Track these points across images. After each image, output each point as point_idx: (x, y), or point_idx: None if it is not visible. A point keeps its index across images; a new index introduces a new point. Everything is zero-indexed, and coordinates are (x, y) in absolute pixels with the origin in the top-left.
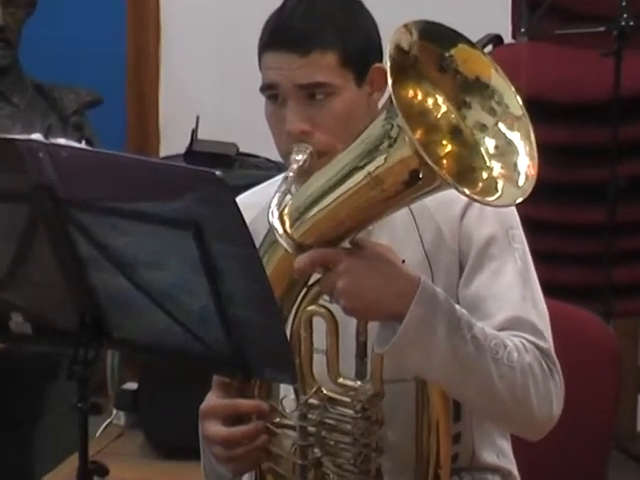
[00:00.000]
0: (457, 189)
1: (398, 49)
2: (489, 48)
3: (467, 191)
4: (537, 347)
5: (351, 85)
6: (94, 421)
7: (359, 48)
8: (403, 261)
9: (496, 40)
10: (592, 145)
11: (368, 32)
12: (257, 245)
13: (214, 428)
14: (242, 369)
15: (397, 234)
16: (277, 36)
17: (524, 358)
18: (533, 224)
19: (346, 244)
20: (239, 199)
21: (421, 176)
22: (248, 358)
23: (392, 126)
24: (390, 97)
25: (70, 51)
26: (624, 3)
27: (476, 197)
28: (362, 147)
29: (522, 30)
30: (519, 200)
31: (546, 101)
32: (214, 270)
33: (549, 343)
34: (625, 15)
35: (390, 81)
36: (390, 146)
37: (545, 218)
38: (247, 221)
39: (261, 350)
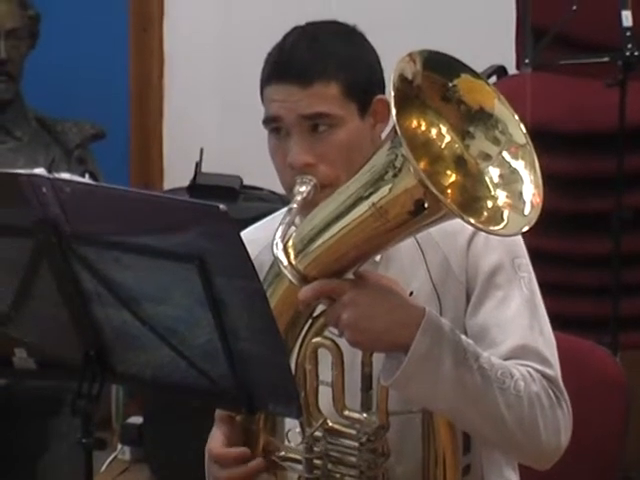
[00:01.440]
0: (462, 218)
1: (402, 79)
2: (493, 79)
3: (472, 220)
4: (544, 376)
5: (354, 117)
6: (99, 456)
7: (362, 79)
8: (411, 293)
9: (500, 71)
10: (597, 175)
11: (370, 64)
12: (262, 279)
13: (222, 473)
14: (247, 403)
15: (405, 266)
16: (279, 69)
17: (531, 387)
18: (538, 255)
19: (351, 275)
20: (244, 233)
21: (426, 206)
22: (253, 392)
23: (396, 156)
24: (394, 127)
25: (73, 84)
26: (628, 33)
27: (482, 226)
28: (366, 177)
29: (526, 61)
30: (525, 229)
31: (551, 131)
32: (218, 304)
33: (556, 371)
34: (630, 45)
35: (394, 111)
36: (395, 176)
37: (550, 249)
38: (252, 256)
39: (266, 384)
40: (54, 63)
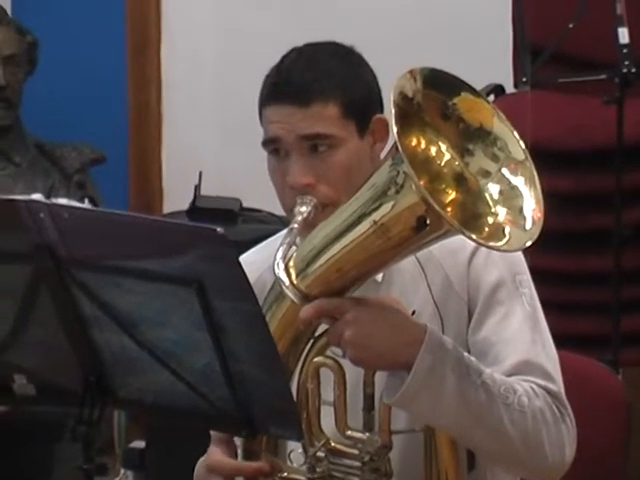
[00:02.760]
0: (464, 234)
1: (402, 96)
2: (491, 98)
3: (474, 236)
4: (548, 391)
5: (353, 136)
6: None
7: (360, 99)
8: (413, 312)
9: (498, 90)
10: (596, 192)
11: (368, 83)
12: (263, 301)
13: None
14: (247, 426)
15: (406, 286)
16: (277, 90)
17: (535, 403)
18: (539, 273)
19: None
20: (243, 257)
21: (428, 222)
22: (253, 415)
23: (398, 173)
24: (395, 144)
25: (72, 109)
26: (625, 50)
27: (484, 242)
28: (367, 195)
29: (524, 79)
30: (528, 244)
31: (550, 149)
32: (217, 327)
33: (559, 386)
34: (627, 62)
35: (395, 128)
36: (397, 193)
37: (550, 267)
38: (252, 279)
39: (266, 407)
40: (52, 89)
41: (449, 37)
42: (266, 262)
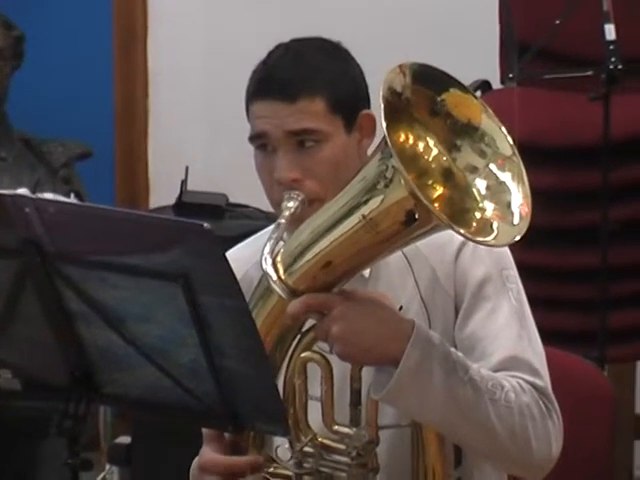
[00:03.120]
0: (453, 229)
1: (391, 91)
2: (478, 94)
3: (463, 231)
4: (534, 387)
5: (340, 132)
6: (87, 476)
7: (347, 94)
8: (400, 308)
9: (484, 86)
10: (583, 189)
11: (355, 79)
12: (250, 296)
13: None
14: (233, 422)
15: (393, 282)
16: (264, 85)
17: (522, 398)
18: (525, 269)
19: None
20: (229, 253)
21: (417, 217)
22: (239, 410)
23: (387, 167)
24: (384, 138)
25: (58, 104)
26: (612, 47)
27: (472, 237)
28: (356, 189)
29: (510, 75)
30: (517, 238)
31: (536, 146)
32: (203, 322)
33: (546, 382)
34: (613, 59)
35: (384, 123)
36: (385, 187)
37: (537, 263)
38: (238, 275)
39: (252, 402)
40: (38, 83)
41: (436, 33)
42: (253, 258)
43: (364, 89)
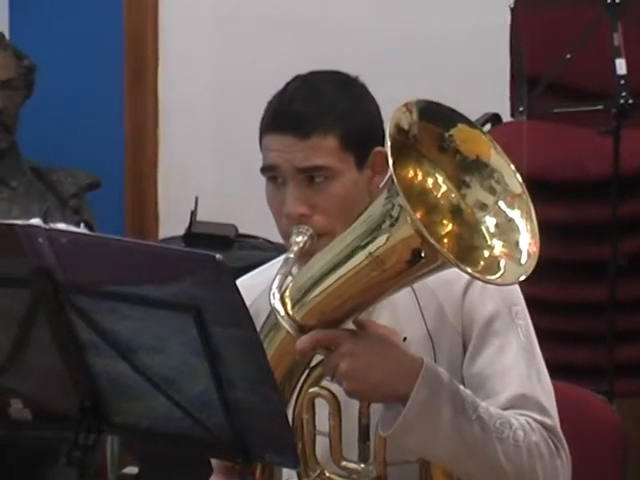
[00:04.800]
0: (459, 268)
1: (398, 128)
2: (487, 127)
3: (469, 270)
4: (543, 425)
5: (352, 168)
6: None
7: (360, 131)
8: (405, 339)
9: (494, 119)
10: (592, 223)
11: (370, 116)
12: (258, 328)
13: None
14: (243, 453)
15: (399, 313)
16: (278, 119)
17: (530, 437)
18: (534, 303)
19: (349, 325)
20: (239, 282)
21: (423, 255)
22: (249, 442)
23: (393, 205)
24: (391, 176)
25: (68, 134)
26: (622, 81)
27: (479, 276)
28: (363, 227)
29: (520, 109)
30: (522, 278)
31: (546, 179)
32: (215, 354)
33: (555, 421)
34: (624, 93)
35: (390, 160)
36: (392, 225)
37: (546, 297)
38: (247, 304)
39: (262, 434)
40: (49, 113)
41: (447, 67)
42: (261, 287)
43: (379, 126)
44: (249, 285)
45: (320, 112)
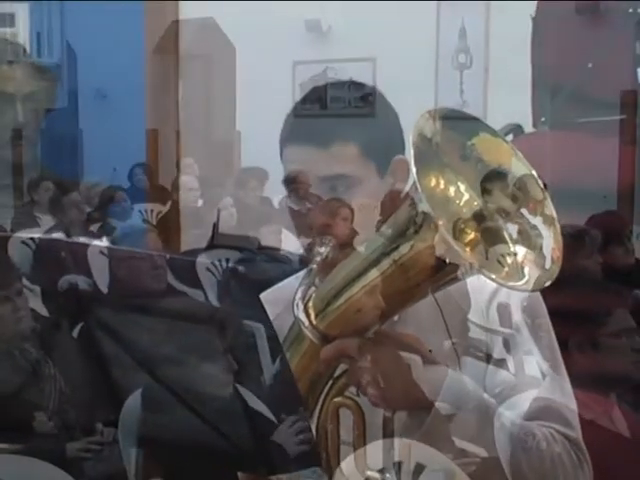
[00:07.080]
0: (484, 274)
1: (421, 137)
2: (510, 137)
3: (494, 276)
4: (566, 437)
5: (373, 176)
6: None
7: (380, 139)
8: (430, 350)
9: (517, 130)
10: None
11: (389, 124)
12: (283, 339)
13: None
14: (267, 465)
15: (423, 324)
16: (297, 129)
17: (553, 448)
18: (556, 312)
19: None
20: (264, 295)
21: (447, 262)
22: (273, 454)
23: (417, 212)
24: (414, 184)
25: (91, 146)
26: None
27: (503, 282)
28: (387, 235)
29: (543, 119)
30: (547, 283)
31: (568, 188)
32: (238, 365)
33: (578, 432)
34: None
35: (414, 168)
36: (416, 232)
37: (568, 306)
38: (272, 317)
39: (287, 446)
40: (73, 124)
41: (468, 75)
42: (285, 301)
43: (398, 135)
44: (273, 298)
45: (339, 121)
